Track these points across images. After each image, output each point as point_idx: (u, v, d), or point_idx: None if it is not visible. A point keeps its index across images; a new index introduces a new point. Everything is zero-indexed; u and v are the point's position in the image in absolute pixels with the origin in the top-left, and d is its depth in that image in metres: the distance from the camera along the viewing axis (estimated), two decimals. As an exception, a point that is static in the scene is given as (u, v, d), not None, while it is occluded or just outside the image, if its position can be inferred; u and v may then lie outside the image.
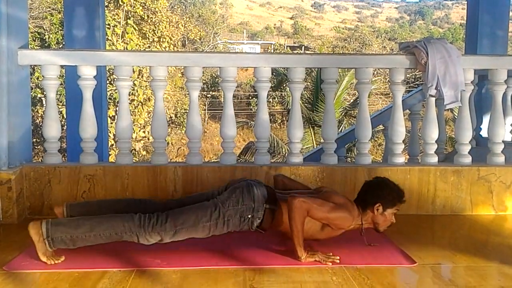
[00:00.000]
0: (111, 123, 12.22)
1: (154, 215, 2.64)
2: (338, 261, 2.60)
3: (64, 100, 6.21)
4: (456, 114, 4.12)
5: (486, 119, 4.64)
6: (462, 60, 3.71)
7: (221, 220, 2.66)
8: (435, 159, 3.85)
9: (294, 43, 56.19)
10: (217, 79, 26.17)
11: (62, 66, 3.77)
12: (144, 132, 16.18)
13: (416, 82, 22.97)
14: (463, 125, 3.86)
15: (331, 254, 2.65)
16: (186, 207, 2.70)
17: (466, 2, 5.89)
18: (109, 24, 15.46)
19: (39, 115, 15.21)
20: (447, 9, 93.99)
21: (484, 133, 4.74)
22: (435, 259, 2.74)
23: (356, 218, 2.79)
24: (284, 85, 24.13)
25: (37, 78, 12.83)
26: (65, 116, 5.67)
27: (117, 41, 16.12)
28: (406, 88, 4.20)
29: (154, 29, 17.70)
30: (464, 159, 3.84)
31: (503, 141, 3.89)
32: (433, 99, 3.80)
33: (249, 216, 2.67)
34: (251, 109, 28.54)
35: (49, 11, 17.07)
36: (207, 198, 2.78)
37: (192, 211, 2.67)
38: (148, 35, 17.52)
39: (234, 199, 2.69)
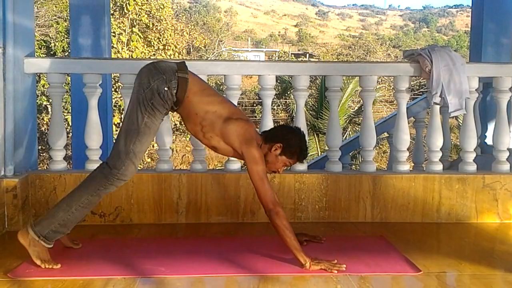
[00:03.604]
0: (116, 130, 12.25)
1: (108, 160, 2.64)
2: (344, 268, 2.59)
3: (70, 107, 6.24)
4: (461, 122, 4.12)
5: (491, 127, 4.63)
6: (467, 68, 3.71)
7: (149, 107, 2.58)
8: (440, 166, 3.84)
9: (299, 50, 56.33)
10: (221, 87, 26.24)
11: (67, 74, 3.79)
12: (149, 139, 16.17)
13: (421, 90, 22.94)
14: (467, 133, 3.85)
15: (336, 261, 2.64)
16: (120, 130, 2.68)
17: (470, 9, 5.90)
18: (114, 32, 15.54)
19: (45, 122, 15.26)
20: (451, 17, 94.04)
21: (489, 141, 4.73)
22: (440, 267, 2.72)
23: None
24: (289, 93, 24.15)
25: (43, 86, 12.89)
26: (70, 124, 5.69)
27: (122, 49, 16.20)
28: (411, 96, 4.21)
29: (159, 37, 17.78)
30: (469, 167, 3.83)
31: (508, 149, 3.88)
32: (438, 106, 3.80)
33: (165, 89, 2.60)
34: (255, 117, 28.55)
35: (55, 19, 17.17)
36: None
37: (125, 126, 2.63)
38: (153, 43, 17.60)
39: (145, 80, 2.62)
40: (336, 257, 2.69)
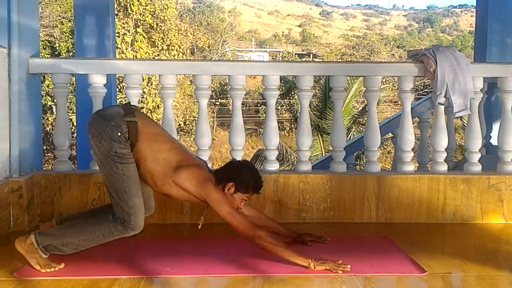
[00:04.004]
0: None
1: (115, 214, 2.61)
2: (349, 269, 2.58)
3: (74, 108, 6.26)
4: (466, 122, 4.11)
5: (495, 127, 4.62)
6: (471, 68, 3.70)
7: (115, 156, 2.55)
8: (444, 167, 3.83)
9: (303, 50, 56.32)
10: (225, 87, 26.26)
11: (72, 75, 3.81)
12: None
13: (425, 90, 22.90)
14: (472, 133, 3.84)
15: (340, 262, 2.64)
16: (106, 187, 2.67)
17: (475, 9, 5.88)
18: (118, 33, 15.58)
19: (49, 122, 15.32)
20: (455, 17, 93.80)
21: (494, 141, 4.72)
22: (445, 268, 2.72)
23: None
24: (293, 93, 24.14)
25: (48, 86, 12.95)
26: (75, 124, 5.71)
27: (126, 49, 16.25)
28: (415, 96, 4.20)
29: (163, 37, 17.83)
30: (474, 168, 3.82)
31: (513, 149, 3.87)
32: (442, 107, 3.79)
33: (118, 134, 2.55)
34: (259, 117, 28.59)
35: (59, 19, 17.22)
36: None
37: (108, 181, 2.61)
38: (157, 43, 17.65)
39: (96, 133, 2.58)
40: (340, 258, 2.69)
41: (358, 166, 10.34)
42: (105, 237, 2.62)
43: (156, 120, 3.43)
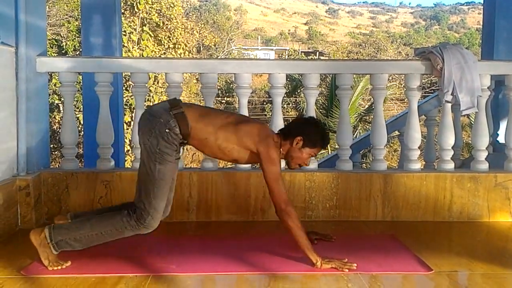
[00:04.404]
0: (127, 129, 12.30)
1: (134, 209, 2.61)
2: (355, 267, 2.58)
3: (81, 106, 6.29)
4: (473, 120, 4.09)
5: (503, 125, 4.60)
6: (479, 66, 3.69)
7: (157, 154, 2.57)
8: (451, 165, 3.82)
9: (309, 48, 56.17)
10: (231, 85, 26.26)
11: (79, 73, 3.82)
12: (159, 137, 16.14)
13: (432, 88, 22.80)
14: (479, 131, 3.83)
15: (346, 260, 2.64)
16: (138, 182, 2.67)
17: (482, 6, 5.85)
18: (125, 31, 15.58)
19: (56, 121, 15.36)
20: (463, 14, 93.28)
21: (501, 139, 4.70)
22: (452, 266, 2.71)
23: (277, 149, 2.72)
24: (299, 91, 24.09)
25: (54, 85, 12.98)
26: (82, 122, 5.73)
27: (133, 47, 16.26)
28: (422, 94, 4.18)
29: (170, 35, 17.82)
30: (481, 166, 3.80)
31: (520, 147, 3.85)
32: (449, 105, 3.77)
33: (167, 131, 2.57)
34: (265, 115, 28.54)
35: (66, 18, 17.26)
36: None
37: (142, 177, 2.62)
38: (164, 42, 17.64)
39: (146, 130, 2.62)
40: (346, 256, 2.69)
41: (364, 164, 10.32)
42: (118, 232, 2.62)
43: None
